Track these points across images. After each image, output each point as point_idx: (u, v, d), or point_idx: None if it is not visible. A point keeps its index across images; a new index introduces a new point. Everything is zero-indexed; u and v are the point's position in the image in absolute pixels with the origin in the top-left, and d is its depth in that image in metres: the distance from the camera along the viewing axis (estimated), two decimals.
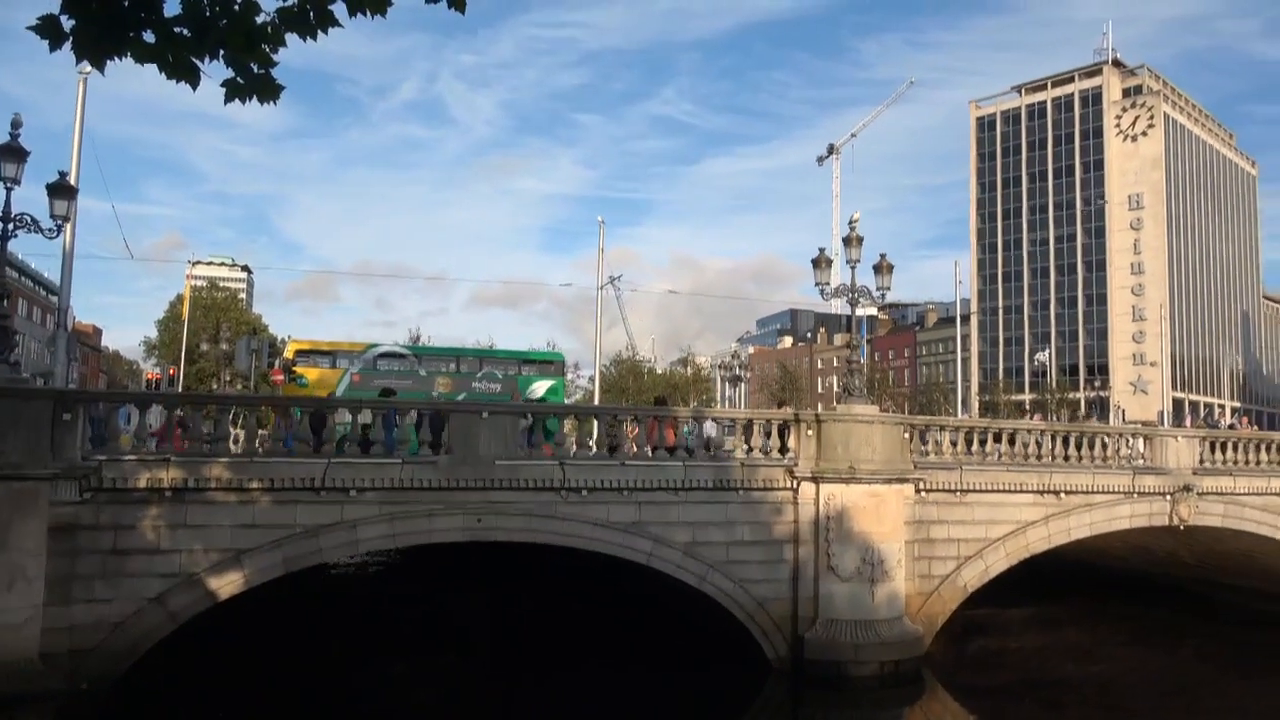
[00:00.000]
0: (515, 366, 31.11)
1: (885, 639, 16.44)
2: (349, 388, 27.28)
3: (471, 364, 30.61)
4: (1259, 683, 19.94)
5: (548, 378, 30.81)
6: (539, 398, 28.50)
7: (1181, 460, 20.60)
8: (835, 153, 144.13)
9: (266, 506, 14.07)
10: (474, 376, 29.52)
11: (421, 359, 30.53)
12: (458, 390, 28.22)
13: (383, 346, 30.52)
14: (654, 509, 16.19)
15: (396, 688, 16.81)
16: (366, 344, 30.52)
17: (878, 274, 19.30)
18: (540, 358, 34.52)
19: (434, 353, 32.81)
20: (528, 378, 30.27)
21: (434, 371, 29.55)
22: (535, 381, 30.10)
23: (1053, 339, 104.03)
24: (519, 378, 30.09)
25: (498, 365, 30.92)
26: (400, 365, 29.46)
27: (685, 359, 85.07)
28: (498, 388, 29.00)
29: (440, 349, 34.53)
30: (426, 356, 31.21)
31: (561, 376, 33.04)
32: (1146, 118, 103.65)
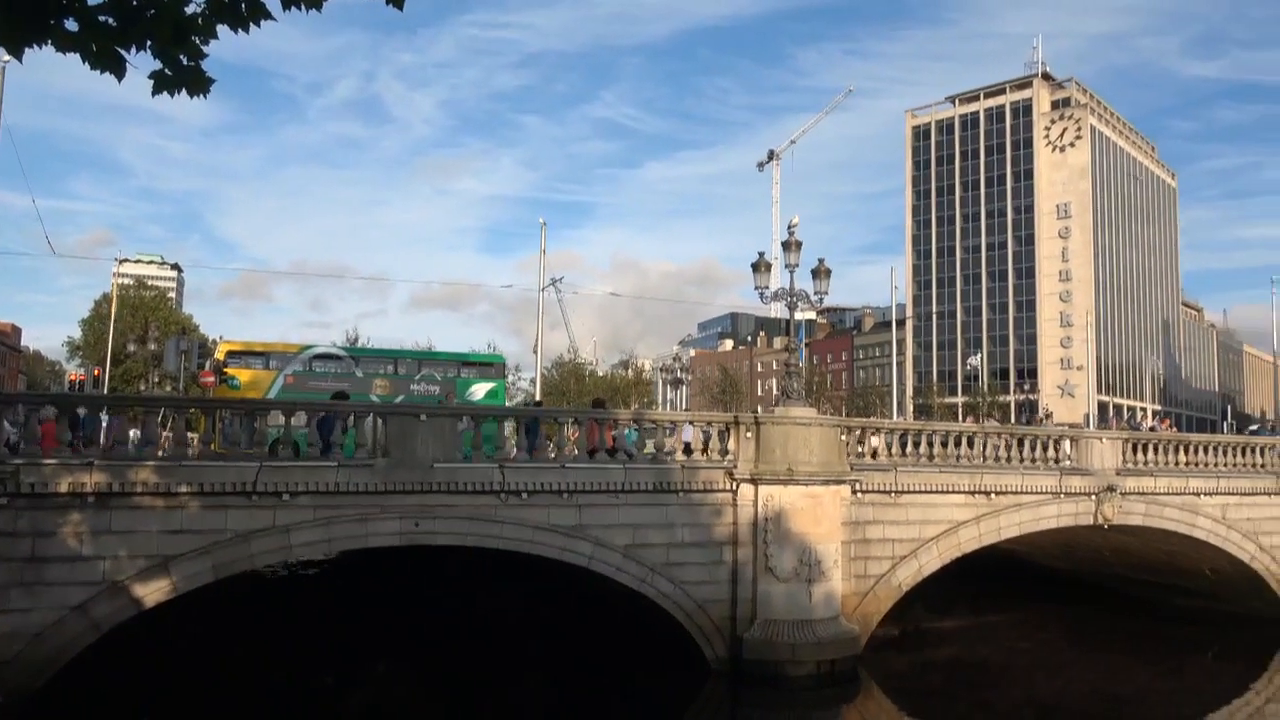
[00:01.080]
0: (454, 369, 30.69)
1: (822, 639, 16.66)
2: (283, 389, 26.67)
3: (410, 366, 30.09)
4: (1176, 675, 20.72)
5: (488, 380, 30.50)
6: (478, 400, 28.09)
7: (1106, 461, 21.28)
8: (775, 159, 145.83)
9: (196, 511, 13.69)
10: (412, 378, 29.05)
11: (359, 360, 29.87)
12: (396, 392, 27.76)
13: (319, 348, 29.75)
14: (594, 511, 16.17)
15: (327, 698, 16.50)
16: (301, 345, 29.74)
17: (816, 278, 19.57)
18: (480, 360, 34.13)
19: (372, 354, 32.11)
20: (467, 380, 29.88)
21: (371, 373, 29.00)
22: (475, 384, 29.76)
23: (984, 344, 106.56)
24: (458, 380, 29.70)
25: (437, 367, 30.45)
26: (337, 367, 28.80)
27: (627, 362, 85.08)
28: (436, 390, 28.60)
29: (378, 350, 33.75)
30: (364, 358, 30.54)
31: (502, 379, 32.71)
32: (1074, 129, 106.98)
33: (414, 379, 28.93)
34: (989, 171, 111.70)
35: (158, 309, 70.01)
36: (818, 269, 19.58)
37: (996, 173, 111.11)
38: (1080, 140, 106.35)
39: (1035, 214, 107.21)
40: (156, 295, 76.39)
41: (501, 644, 20.09)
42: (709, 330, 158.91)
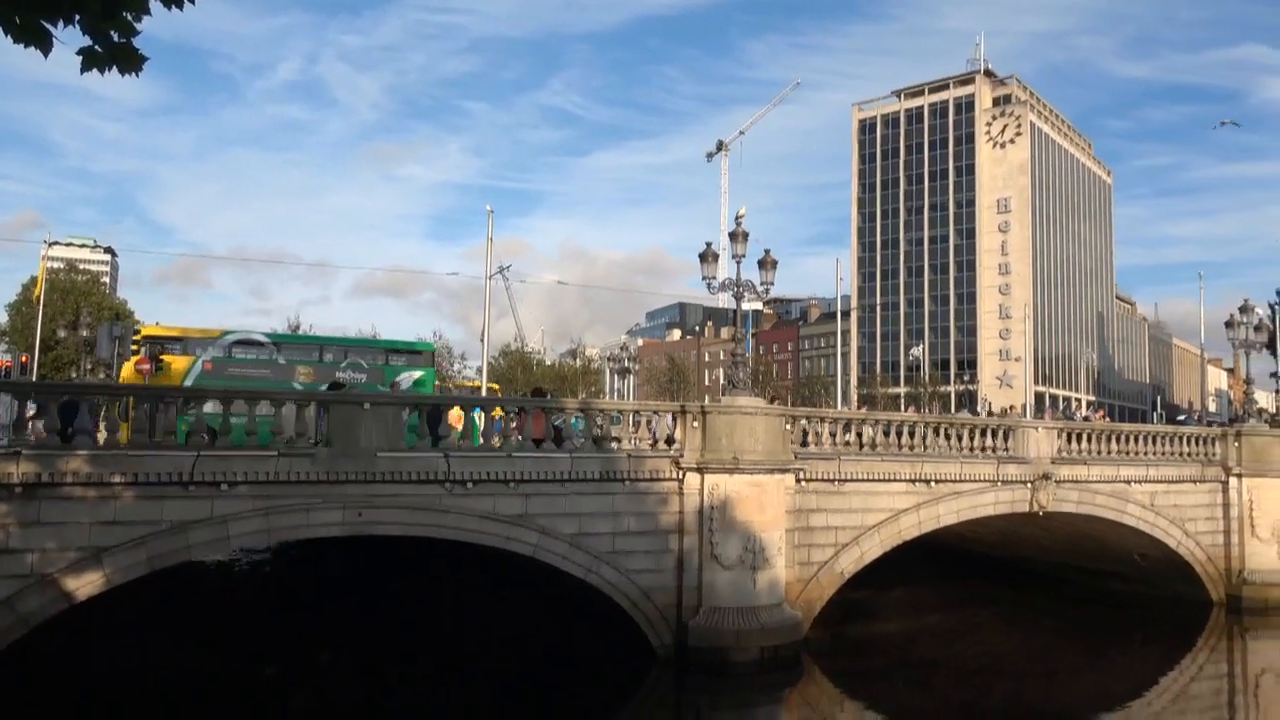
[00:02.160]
0: (382, 356, 29.96)
1: (766, 625, 16.86)
2: (200, 376, 25.72)
3: (335, 353, 29.16)
4: (1106, 656, 21.40)
5: (416, 368, 29.76)
6: (406, 389, 27.40)
7: (1041, 450, 21.84)
8: (724, 149, 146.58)
9: (130, 502, 13.33)
10: (338, 366, 28.12)
11: (281, 347, 28.71)
12: (320, 380, 26.75)
13: (238, 333, 28.54)
14: (541, 500, 16.12)
15: (269, 690, 16.24)
16: (221, 330, 28.61)
17: (762, 269, 19.72)
18: (408, 347, 33.27)
19: (295, 341, 30.88)
20: (395, 368, 29.17)
21: (295, 360, 28.01)
22: (403, 372, 29.02)
23: (927, 335, 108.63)
24: (386, 368, 28.99)
25: (363, 354, 29.65)
26: (257, 353, 27.59)
27: (575, 351, 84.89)
28: (363, 378, 27.79)
29: (302, 337, 32.46)
30: (287, 345, 29.37)
31: (431, 367, 31.80)
32: (1014, 126, 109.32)
33: (339, 366, 28.04)
34: (932, 166, 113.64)
35: (90, 294, 67.80)
36: (764, 260, 19.74)
37: (939, 167, 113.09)
38: (1020, 137, 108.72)
39: (976, 208, 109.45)
40: (89, 279, 73.98)
41: (447, 633, 19.97)
42: (657, 320, 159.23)
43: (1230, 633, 23.06)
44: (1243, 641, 22.70)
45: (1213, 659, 21.71)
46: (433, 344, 32.80)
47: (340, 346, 30.48)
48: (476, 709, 15.75)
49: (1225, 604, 24.10)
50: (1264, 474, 24.66)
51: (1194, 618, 23.50)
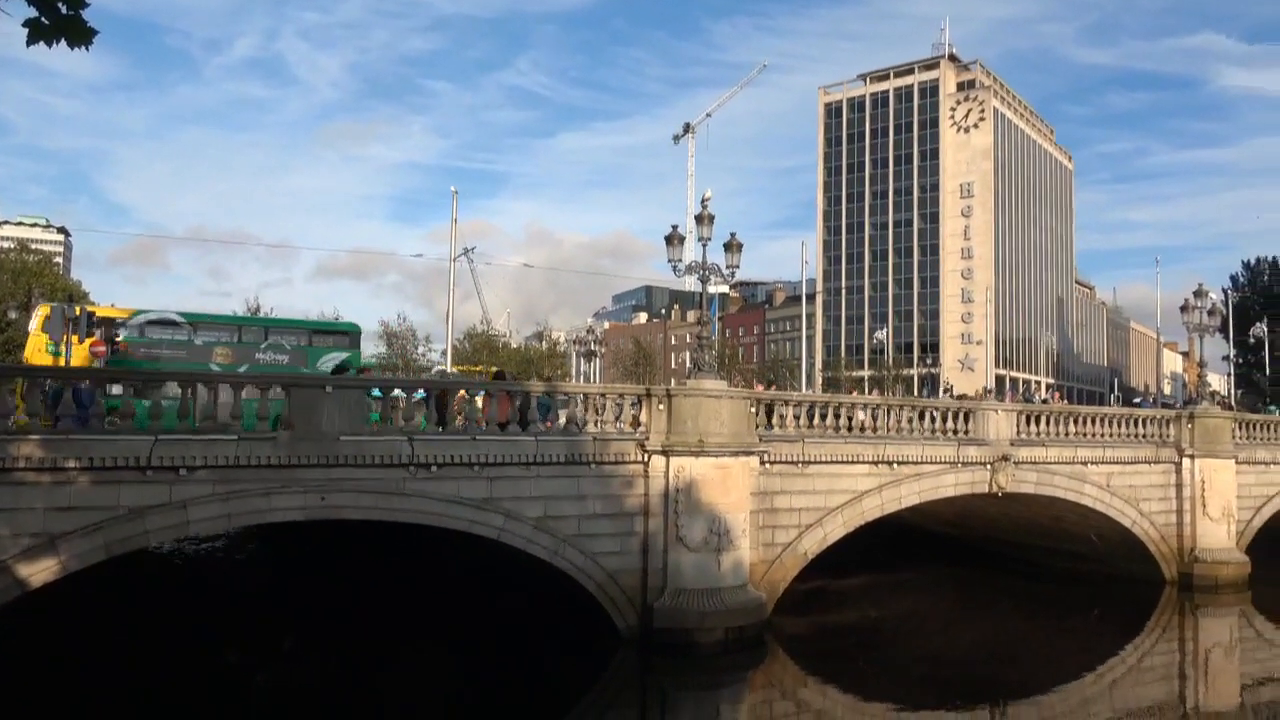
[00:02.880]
0: (305, 336, 29.01)
1: (730, 606, 17.00)
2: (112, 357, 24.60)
3: (255, 333, 28.31)
4: (1063, 634, 21.89)
5: (341, 350, 28.79)
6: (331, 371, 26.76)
7: (1001, 432, 22.18)
8: (691, 132, 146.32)
9: (85, 487, 13.08)
10: (258, 347, 27.35)
11: (198, 327, 27.58)
12: (239, 362, 26.12)
13: (151, 313, 27.21)
14: (506, 484, 16.08)
15: (235, 674, 16.10)
16: (133, 309, 27.64)
17: (728, 252, 19.74)
18: (333, 328, 32.36)
19: (212, 320, 29.49)
20: (319, 349, 28.27)
21: (212, 341, 27.04)
22: (328, 354, 28.07)
23: (890, 319, 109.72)
24: (309, 349, 28.14)
25: (285, 335, 28.68)
26: (172, 333, 26.65)
27: (541, 333, 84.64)
28: (285, 359, 27.12)
29: (220, 317, 30.78)
30: (204, 325, 28.12)
31: (357, 349, 30.75)
32: (978, 111, 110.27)
33: (259, 348, 27.27)
34: (897, 150, 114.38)
35: (42, 275, 66.26)
36: (730, 243, 19.76)
37: (904, 151, 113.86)
38: (984, 122, 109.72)
39: (940, 193, 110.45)
40: (41, 260, 72.25)
41: (412, 617, 19.90)
42: (623, 303, 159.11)
43: (1182, 609, 23.68)
44: (1194, 618, 23.31)
45: (1165, 635, 22.29)
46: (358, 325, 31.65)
47: (260, 327, 29.52)
48: (441, 692, 15.73)
49: (1178, 581, 24.73)
50: (1215, 455, 25.28)
51: (1148, 595, 24.10)
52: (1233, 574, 24.74)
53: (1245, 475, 26.42)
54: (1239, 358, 74.12)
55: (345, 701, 15.05)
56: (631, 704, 16.35)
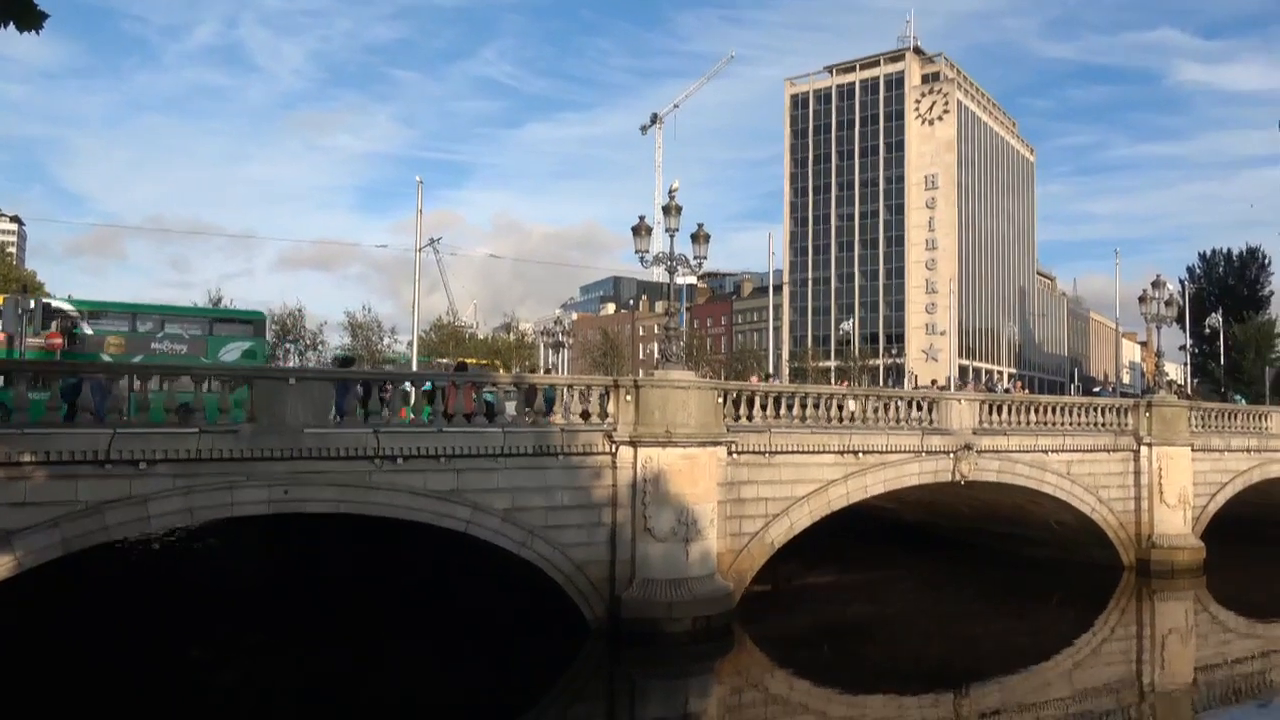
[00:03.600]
0: (204, 325, 27.88)
1: (698, 596, 17.08)
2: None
3: (151, 322, 26.90)
4: (1025, 619, 22.29)
5: (244, 339, 27.73)
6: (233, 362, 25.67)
7: (964, 421, 22.47)
8: (658, 123, 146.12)
9: (42, 482, 12.83)
10: (153, 337, 26.13)
11: (87, 316, 26.22)
12: (133, 352, 25.02)
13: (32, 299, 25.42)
14: (473, 476, 16.02)
15: (195, 671, 15.89)
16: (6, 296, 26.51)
17: (695, 243, 19.76)
18: (236, 316, 31.09)
19: (105, 309, 27.81)
20: (220, 339, 27.18)
21: (103, 330, 25.80)
22: (229, 343, 27.08)
23: (857, 309, 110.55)
24: (209, 339, 27.06)
25: (183, 324, 27.45)
26: (61, 322, 25.22)
27: (509, 325, 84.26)
28: (183, 349, 26.06)
29: (112, 304, 28.75)
30: (94, 313, 26.69)
31: (261, 337, 29.55)
32: (942, 103, 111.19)
33: (155, 337, 26.14)
34: (863, 141, 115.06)
35: None
36: (697, 234, 19.77)
37: (870, 143, 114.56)
38: (948, 114, 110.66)
39: (905, 184, 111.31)
40: None
41: (380, 609, 19.77)
42: (591, 294, 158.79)
43: (1140, 594, 24.18)
44: (1151, 602, 23.82)
45: (1123, 619, 22.75)
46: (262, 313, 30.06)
47: (157, 315, 27.93)
48: (409, 685, 15.64)
49: (1135, 567, 25.25)
50: (1172, 443, 25.81)
51: (1106, 580, 24.58)
52: (1188, 559, 25.31)
53: (1201, 462, 27.02)
54: (1195, 348, 75.69)
55: (311, 697, 14.91)
56: (600, 694, 16.39)
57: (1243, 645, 20.85)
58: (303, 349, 47.81)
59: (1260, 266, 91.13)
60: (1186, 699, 16.81)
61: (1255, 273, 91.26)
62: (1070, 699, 15.91)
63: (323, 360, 48.38)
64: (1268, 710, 16.54)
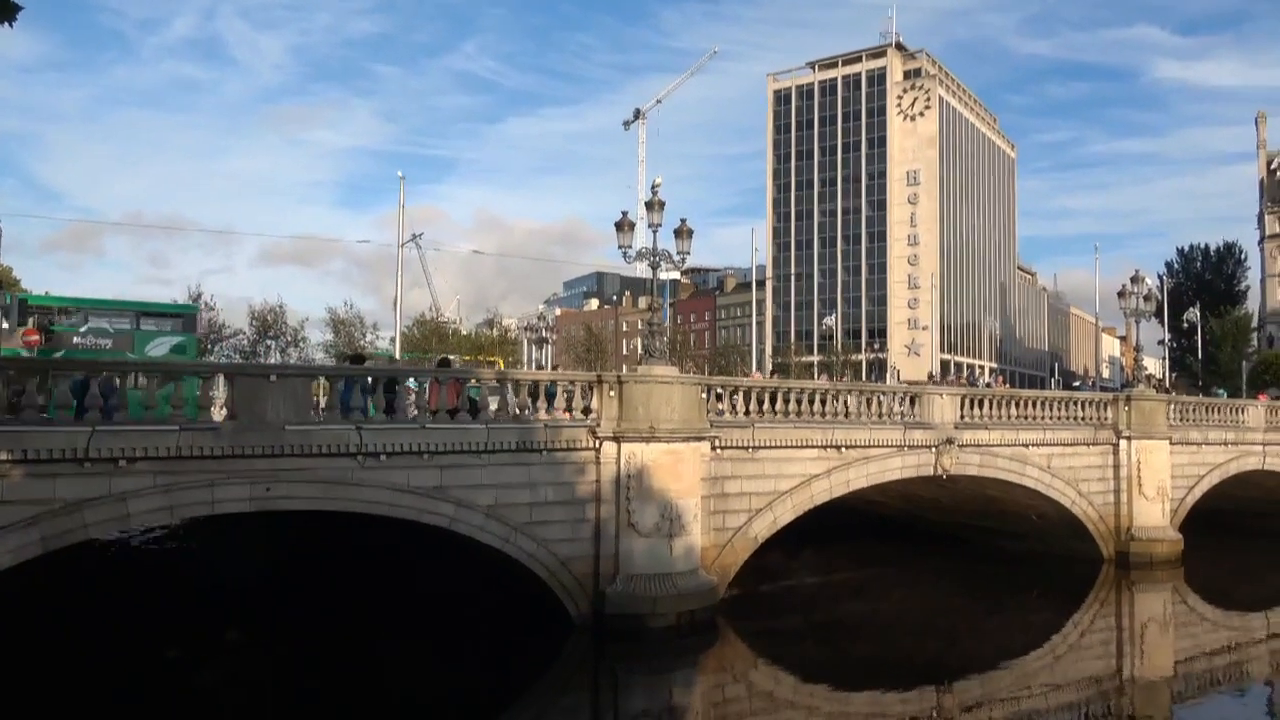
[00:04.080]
0: (131, 319, 26.45)
1: (682, 591, 17.12)
2: None
3: (74, 316, 25.67)
4: (1005, 611, 22.47)
5: (173, 334, 26.57)
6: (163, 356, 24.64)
7: (945, 416, 22.60)
8: (641, 118, 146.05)
9: (19, 480, 12.70)
10: (76, 331, 24.98)
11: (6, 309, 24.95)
12: (53, 347, 24.00)
13: None
14: (457, 472, 15.97)
15: (173, 671, 15.77)
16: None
17: (678, 238, 19.77)
18: (165, 310, 29.60)
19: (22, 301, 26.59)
20: (147, 333, 25.96)
21: (22, 323, 24.52)
22: (157, 338, 25.92)
23: (839, 305, 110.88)
24: (135, 333, 25.84)
25: (108, 318, 26.03)
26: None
27: (492, 320, 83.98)
28: (108, 344, 24.90)
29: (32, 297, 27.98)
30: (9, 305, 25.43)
31: (192, 333, 28.41)
32: (924, 99, 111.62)
33: (78, 331, 25.00)
34: (845, 137, 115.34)
35: None
36: (680, 229, 19.79)
37: (852, 139, 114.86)
38: (929, 110, 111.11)
39: (887, 180, 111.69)
40: None
41: (363, 607, 19.69)
42: (574, 289, 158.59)
43: (1119, 586, 24.43)
44: (1130, 594, 24.07)
45: (1103, 611, 22.98)
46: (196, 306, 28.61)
47: (80, 309, 26.60)
48: (393, 682, 15.60)
49: (1115, 559, 25.51)
50: (1151, 436, 26.07)
51: (1086, 573, 24.82)
52: (1167, 551, 25.59)
53: (1179, 455, 27.30)
54: (1174, 342, 76.41)
55: (293, 694, 14.85)
56: (584, 689, 16.40)
57: (1219, 636, 21.11)
58: (283, 345, 47.41)
59: (1237, 262, 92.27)
60: (1165, 690, 17.01)
61: (1232, 268, 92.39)
62: (1051, 692, 16.06)
63: (305, 357, 48.07)
64: (1244, 700, 16.76)
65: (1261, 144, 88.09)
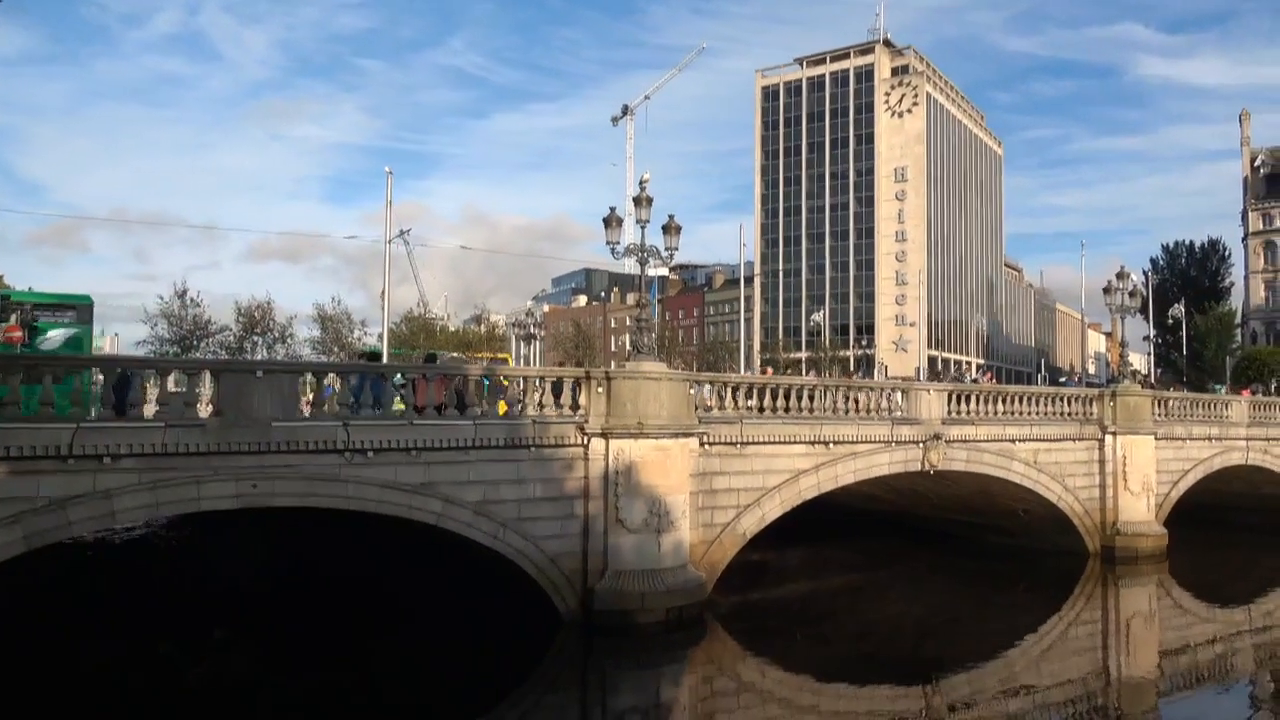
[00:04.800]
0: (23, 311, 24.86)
1: (671, 587, 17.13)
2: None
3: None
4: (992, 606, 22.58)
5: (68, 326, 25.10)
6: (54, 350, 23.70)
7: (933, 411, 22.67)
8: (629, 114, 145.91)
9: (2, 478, 12.58)
10: None
11: None
12: None
13: None
14: (444, 469, 15.93)
15: (161, 668, 15.68)
16: None
17: (666, 234, 19.74)
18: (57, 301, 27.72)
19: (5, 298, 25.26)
20: (41, 325, 24.44)
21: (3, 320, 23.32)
22: (50, 330, 24.55)
23: (827, 301, 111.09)
24: None
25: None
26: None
27: (480, 316, 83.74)
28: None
29: None
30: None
31: (88, 325, 26.92)
32: (912, 96, 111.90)
33: None
34: (834, 134, 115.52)
35: None
36: (668, 225, 19.76)
37: (840, 135, 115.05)
38: (917, 107, 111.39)
39: (875, 176, 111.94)
40: None
41: (351, 601, 19.62)
42: (563, 286, 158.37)
43: (1105, 580, 24.57)
44: (1116, 588, 24.21)
45: (1089, 605, 23.10)
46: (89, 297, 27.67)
47: None
48: (381, 680, 15.55)
49: (1100, 554, 25.66)
50: (1136, 431, 26.22)
51: (1072, 567, 24.96)
52: (1152, 546, 25.76)
53: (1164, 450, 27.48)
54: (1158, 338, 76.94)
55: (282, 692, 14.78)
56: (573, 685, 16.39)
57: (1204, 629, 21.26)
58: (270, 342, 47.05)
59: (1221, 258, 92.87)
60: (1151, 684, 17.11)
61: (1216, 264, 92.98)
62: (1038, 687, 16.13)
63: (292, 353, 47.77)
64: (1229, 694, 16.89)
65: (1245, 141, 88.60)
